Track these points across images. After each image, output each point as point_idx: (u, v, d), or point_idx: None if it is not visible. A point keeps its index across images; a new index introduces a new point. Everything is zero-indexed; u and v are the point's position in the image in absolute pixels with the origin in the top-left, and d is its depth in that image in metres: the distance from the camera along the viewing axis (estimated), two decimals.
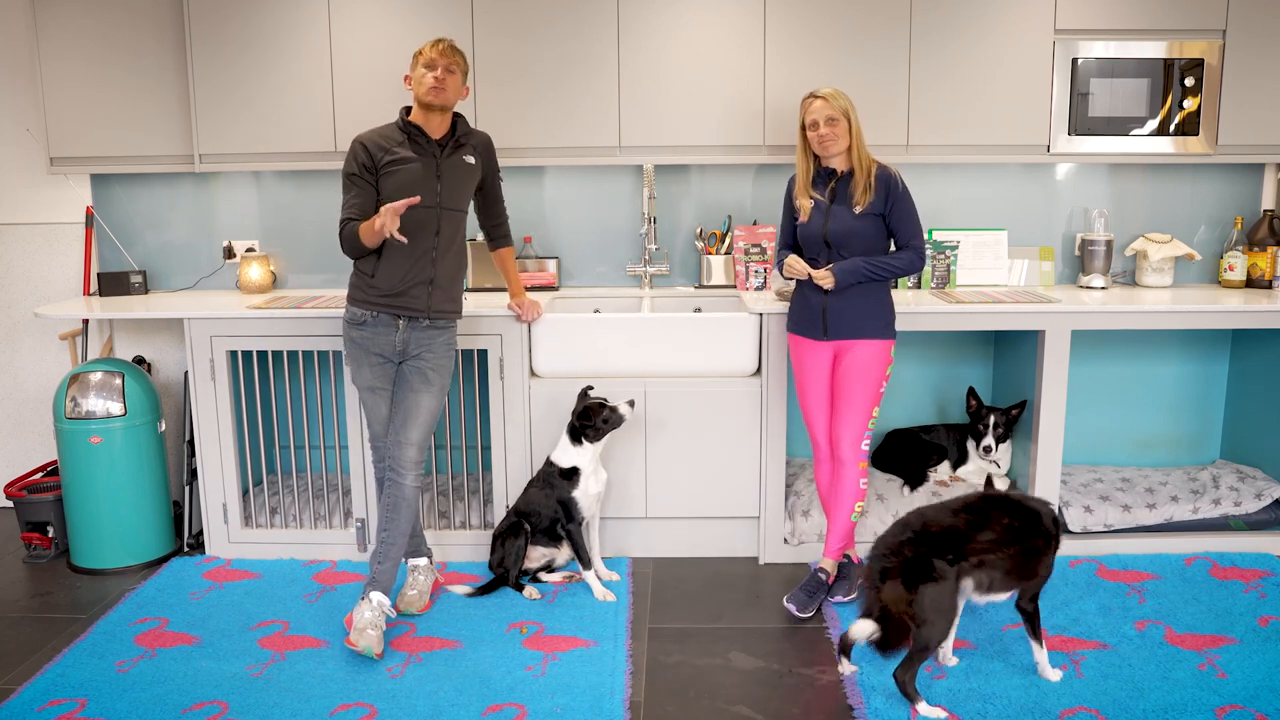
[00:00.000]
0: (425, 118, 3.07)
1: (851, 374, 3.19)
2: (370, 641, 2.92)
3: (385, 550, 3.10)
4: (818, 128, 3.09)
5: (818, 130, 3.09)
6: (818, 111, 3.09)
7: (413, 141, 3.07)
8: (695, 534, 3.68)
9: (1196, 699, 2.68)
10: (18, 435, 4.30)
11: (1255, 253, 3.90)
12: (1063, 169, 4.03)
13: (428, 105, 3.04)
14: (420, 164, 3.06)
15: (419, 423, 3.11)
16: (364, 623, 2.98)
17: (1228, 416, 4.11)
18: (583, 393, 3.39)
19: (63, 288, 4.19)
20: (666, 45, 3.70)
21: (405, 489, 3.11)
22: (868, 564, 2.70)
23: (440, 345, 3.16)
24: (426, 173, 3.06)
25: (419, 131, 3.07)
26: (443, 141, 3.10)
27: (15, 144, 4.09)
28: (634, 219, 4.08)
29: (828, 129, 3.07)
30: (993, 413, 3.75)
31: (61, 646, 3.08)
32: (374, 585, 3.06)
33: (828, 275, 3.11)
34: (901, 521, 2.71)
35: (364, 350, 3.12)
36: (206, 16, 3.70)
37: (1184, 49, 3.68)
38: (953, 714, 2.62)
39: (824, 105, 3.08)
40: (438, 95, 3.01)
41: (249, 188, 4.10)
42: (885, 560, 2.62)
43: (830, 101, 3.08)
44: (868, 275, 3.11)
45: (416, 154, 3.06)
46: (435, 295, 3.10)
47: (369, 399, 3.17)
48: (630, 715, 2.65)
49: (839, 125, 3.08)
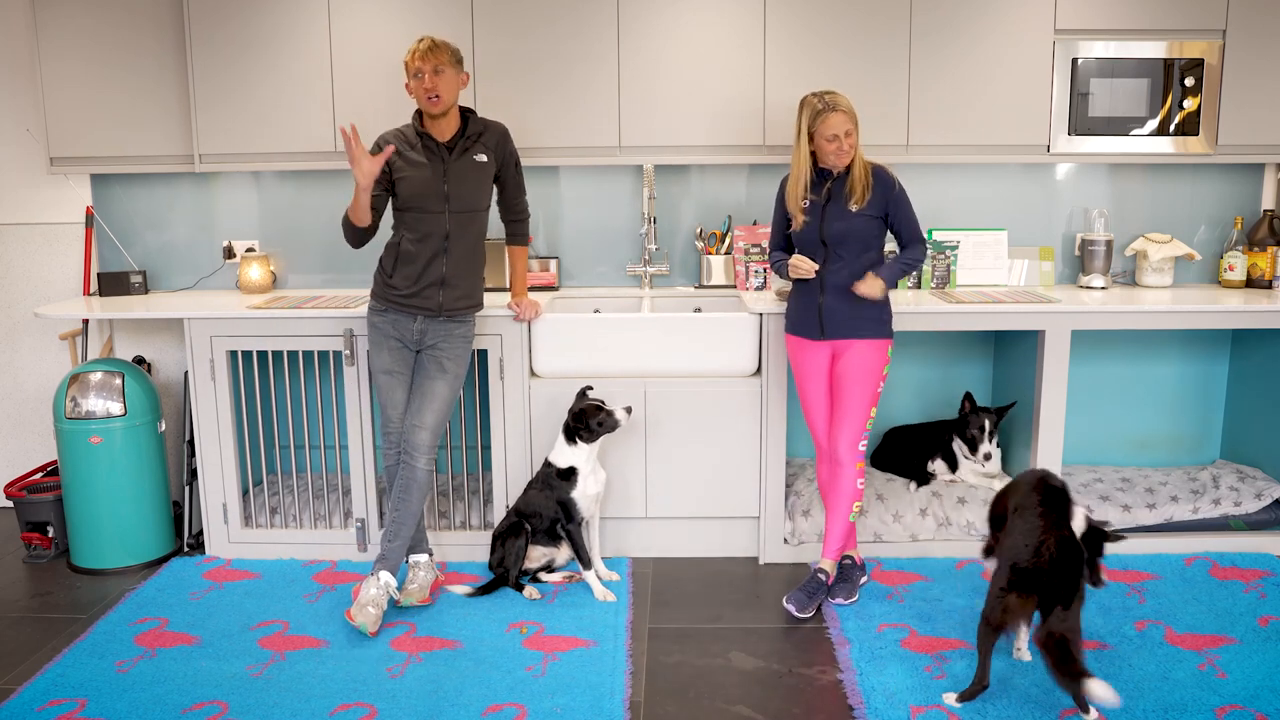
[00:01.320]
0: (431, 123, 3.14)
1: (848, 374, 3.20)
2: (367, 619, 3.02)
3: (395, 529, 3.21)
4: (839, 141, 3.05)
5: (838, 144, 3.06)
6: (838, 125, 3.03)
7: (424, 146, 3.14)
8: (695, 534, 3.68)
9: (1196, 699, 2.68)
10: (18, 435, 4.30)
11: (1255, 253, 3.90)
12: (1063, 169, 4.03)
13: (429, 113, 3.10)
14: (428, 169, 3.13)
15: (434, 408, 3.20)
16: (366, 599, 3.08)
17: (1228, 416, 4.11)
18: (581, 392, 3.39)
19: (63, 288, 4.19)
20: (666, 45, 3.70)
21: (418, 471, 3.20)
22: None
23: (457, 337, 3.25)
24: (434, 177, 3.13)
25: (428, 136, 3.14)
26: (451, 143, 3.14)
27: (15, 144, 4.09)
28: (634, 219, 4.08)
29: (848, 142, 3.06)
30: (987, 417, 3.72)
31: (61, 646, 3.08)
32: (383, 563, 3.18)
33: (877, 284, 3.08)
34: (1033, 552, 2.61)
35: (383, 334, 3.23)
36: (206, 16, 3.70)
37: (1184, 49, 3.68)
38: (953, 714, 2.62)
39: (844, 119, 3.03)
40: (436, 104, 3.07)
41: (249, 188, 4.10)
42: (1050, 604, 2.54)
43: (849, 115, 3.04)
44: (902, 272, 3.17)
45: (426, 159, 3.13)
46: (446, 295, 3.19)
47: (384, 383, 3.24)
48: (630, 715, 2.65)
49: (853, 137, 3.08)
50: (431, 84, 3.03)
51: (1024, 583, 2.55)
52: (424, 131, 3.14)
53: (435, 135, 3.14)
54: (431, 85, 3.03)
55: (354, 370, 3.54)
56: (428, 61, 3.02)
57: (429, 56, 3.02)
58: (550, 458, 3.39)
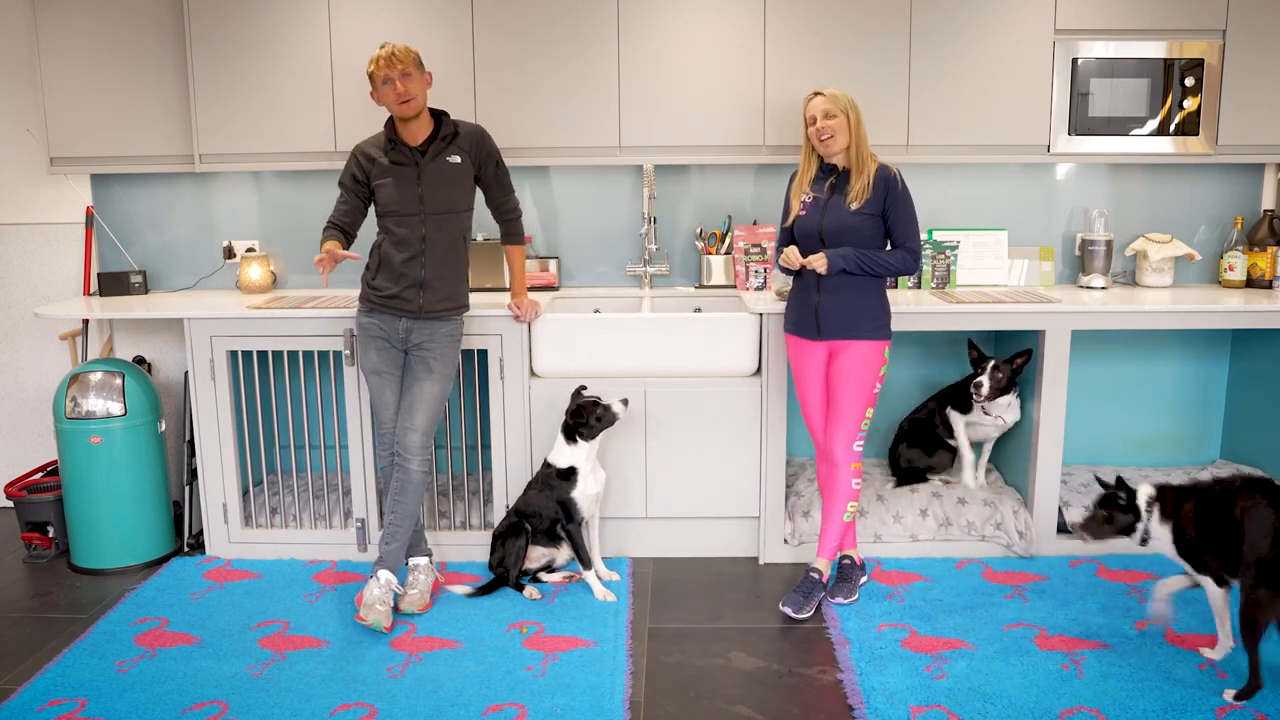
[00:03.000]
0: (403, 127, 3.18)
1: (845, 374, 3.20)
2: (379, 616, 3.07)
3: (393, 532, 3.23)
4: (816, 123, 3.11)
5: (816, 125, 3.11)
6: (816, 107, 3.11)
7: (395, 151, 3.18)
8: (695, 534, 3.68)
9: (1196, 699, 2.68)
10: (18, 435, 4.30)
11: (1255, 253, 3.90)
12: (1063, 169, 4.03)
13: (403, 117, 3.14)
14: (401, 173, 3.17)
15: (423, 409, 3.21)
16: (372, 599, 3.11)
17: (1228, 416, 4.11)
18: (576, 391, 3.39)
19: (63, 288, 4.19)
20: (666, 45, 3.70)
21: (412, 473, 3.22)
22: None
23: (442, 336, 3.26)
24: (407, 181, 3.17)
25: (400, 141, 3.18)
26: (424, 146, 3.18)
27: (15, 144, 4.09)
28: (634, 219, 4.08)
29: (825, 123, 3.09)
30: (992, 358, 3.63)
31: (61, 646, 3.08)
32: (382, 564, 3.21)
33: (821, 258, 3.11)
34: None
35: (371, 335, 3.25)
36: (206, 16, 3.70)
37: (1184, 49, 3.68)
38: (953, 714, 2.62)
39: (824, 101, 3.10)
40: (410, 107, 3.12)
41: (249, 188, 4.10)
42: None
43: (831, 99, 3.10)
44: (858, 264, 3.10)
45: (399, 163, 3.18)
46: (426, 297, 3.21)
47: (374, 383, 3.26)
48: (630, 715, 2.65)
49: (837, 121, 3.09)
50: (403, 88, 3.07)
51: (1269, 576, 2.63)
52: (395, 138, 3.18)
53: (408, 140, 3.17)
54: (403, 89, 3.07)
55: (354, 370, 3.54)
56: (394, 67, 3.06)
57: (394, 63, 3.06)
58: (549, 458, 3.39)
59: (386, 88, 3.08)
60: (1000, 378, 3.60)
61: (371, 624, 3.06)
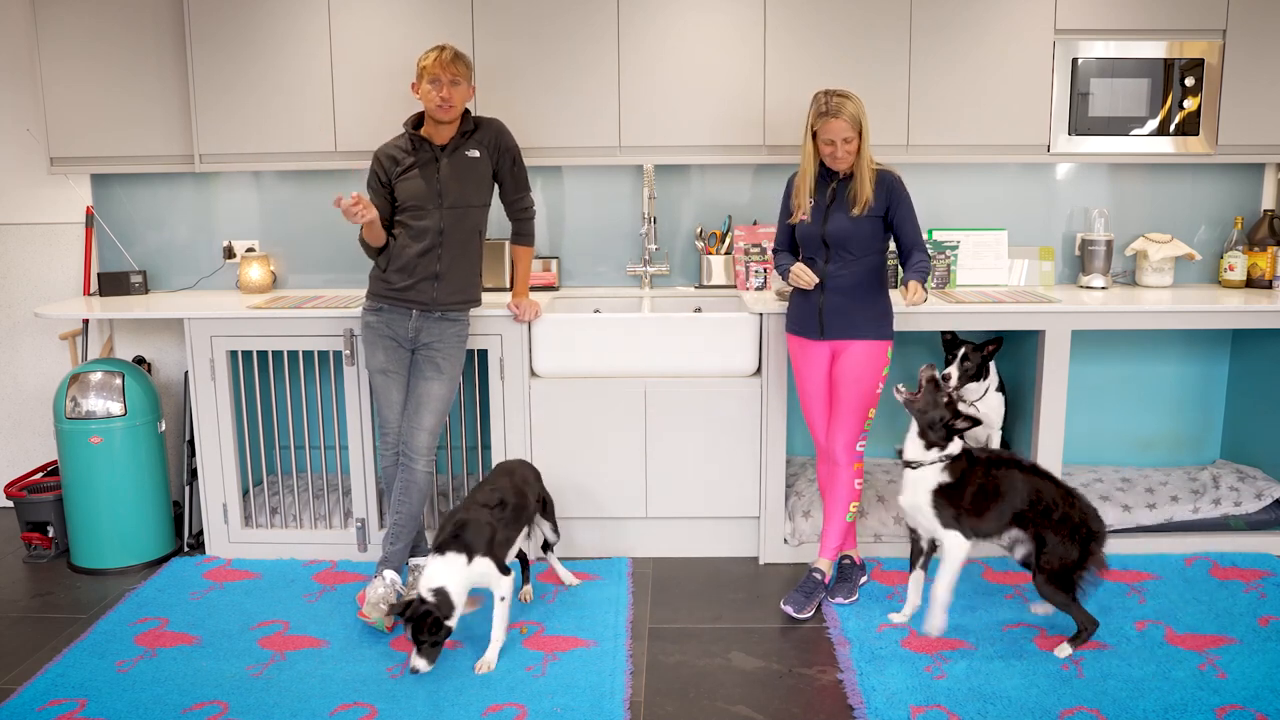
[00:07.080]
0: (434, 128, 3.19)
1: (847, 375, 3.20)
2: (382, 615, 3.08)
3: (397, 532, 3.25)
4: (834, 146, 3.05)
5: (834, 149, 3.06)
6: (835, 132, 3.02)
7: (417, 149, 3.19)
8: (695, 534, 3.68)
9: (1196, 699, 2.68)
10: (18, 435, 4.30)
11: (1255, 253, 3.90)
12: (1063, 169, 4.03)
13: (437, 120, 3.15)
14: (423, 169, 3.18)
15: (431, 409, 3.23)
16: (376, 598, 3.12)
17: (1228, 416, 4.11)
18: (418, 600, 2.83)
19: (63, 288, 4.19)
20: (666, 45, 3.70)
21: (417, 473, 3.23)
22: None
23: (451, 336, 3.27)
24: (428, 175, 3.18)
25: (424, 137, 3.19)
26: (445, 143, 3.20)
27: (15, 144, 4.09)
28: (634, 219, 4.08)
29: (844, 149, 3.05)
30: (964, 344, 3.63)
31: (61, 646, 3.08)
32: (386, 564, 3.23)
33: (919, 291, 3.06)
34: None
35: (377, 334, 3.26)
36: (206, 16, 3.70)
37: (1184, 49, 3.68)
38: (953, 714, 2.62)
39: (845, 127, 3.01)
40: (447, 112, 3.13)
41: (249, 188, 4.10)
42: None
43: (850, 122, 3.01)
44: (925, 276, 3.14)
45: (420, 160, 3.18)
46: (440, 290, 3.22)
47: (380, 383, 3.27)
48: (630, 715, 2.65)
49: (853, 144, 3.06)
50: (448, 94, 3.09)
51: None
52: (421, 138, 3.19)
53: (436, 140, 3.20)
54: (448, 95, 3.09)
55: (354, 370, 3.54)
56: (448, 71, 3.08)
57: (450, 67, 3.08)
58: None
59: (432, 87, 3.09)
60: (969, 366, 3.61)
61: (374, 622, 3.07)
